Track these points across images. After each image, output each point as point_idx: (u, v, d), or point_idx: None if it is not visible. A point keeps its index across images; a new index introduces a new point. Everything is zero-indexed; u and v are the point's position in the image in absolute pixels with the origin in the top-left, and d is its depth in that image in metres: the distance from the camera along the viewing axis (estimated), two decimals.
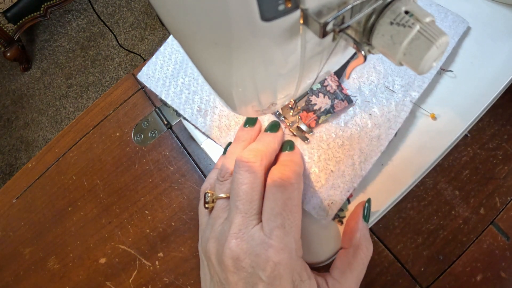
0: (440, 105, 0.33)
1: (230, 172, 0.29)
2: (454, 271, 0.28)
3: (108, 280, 0.38)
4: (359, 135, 0.32)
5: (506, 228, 0.33)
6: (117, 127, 0.44)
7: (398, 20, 0.17)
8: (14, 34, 1.57)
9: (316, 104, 0.33)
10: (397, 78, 0.34)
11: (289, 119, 0.34)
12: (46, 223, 0.42)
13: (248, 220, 0.26)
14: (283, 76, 0.21)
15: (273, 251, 0.24)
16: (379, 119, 0.32)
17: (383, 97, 0.33)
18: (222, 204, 0.28)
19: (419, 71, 0.18)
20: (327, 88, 0.34)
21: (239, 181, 0.27)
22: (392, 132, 0.32)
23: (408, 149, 0.32)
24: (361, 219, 0.29)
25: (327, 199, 0.31)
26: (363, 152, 0.31)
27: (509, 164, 0.35)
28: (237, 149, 0.31)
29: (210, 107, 0.37)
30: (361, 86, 0.34)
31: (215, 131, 0.36)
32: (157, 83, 0.40)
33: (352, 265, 0.27)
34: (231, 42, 0.17)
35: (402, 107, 0.32)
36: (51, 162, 0.44)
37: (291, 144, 0.31)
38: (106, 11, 1.79)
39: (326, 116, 0.33)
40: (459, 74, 0.34)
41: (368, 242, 0.28)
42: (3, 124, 1.68)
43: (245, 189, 0.26)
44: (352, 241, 0.28)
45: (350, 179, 0.31)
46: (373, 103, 0.33)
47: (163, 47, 0.41)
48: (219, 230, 0.27)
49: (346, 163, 0.31)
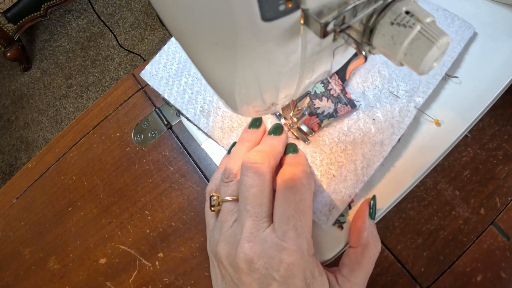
0: (442, 107, 0.33)
1: (235, 173, 0.29)
2: (454, 272, 0.28)
3: (108, 280, 0.38)
4: (362, 140, 0.32)
5: (506, 228, 0.33)
6: (117, 127, 0.44)
7: (399, 20, 0.17)
8: (14, 34, 1.57)
9: (319, 107, 0.33)
10: (402, 83, 0.33)
11: (289, 120, 0.34)
12: (46, 223, 0.42)
13: (259, 223, 0.26)
14: (284, 76, 0.21)
15: (286, 253, 0.25)
16: (382, 125, 0.32)
17: (387, 102, 0.33)
18: (229, 207, 0.29)
19: (420, 71, 0.18)
20: (330, 92, 0.34)
21: (248, 184, 0.27)
22: (395, 138, 0.31)
23: (409, 149, 0.32)
24: (368, 218, 0.29)
25: (328, 204, 0.31)
26: (365, 158, 0.31)
27: (509, 164, 0.35)
28: (242, 150, 0.31)
29: (213, 107, 0.37)
30: (365, 90, 0.34)
31: (217, 132, 0.36)
32: (160, 82, 0.40)
33: (360, 263, 0.28)
34: (231, 42, 0.17)
35: (406, 112, 0.32)
36: (51, 162, 0.44)
37: (294, 147, 0.31)
38: (106, 11, 1.79)
39: (329, 120, 0.33)
40: (464, 80, 0.34)
41: (376, 240, 0.29)
42: (3, 124, 1.68)
43: (255, 192, 0.26)
44: (360, 240, 0.28)
45: (352, 184, 0.31)
46: (377, 108, 0.33)
47: (167, 45, 0.41)
48: (229, 233, 0.27)
49: (348, 168, 0.31)
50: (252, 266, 0.25)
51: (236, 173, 0.29)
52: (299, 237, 0.25)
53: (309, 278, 0.25)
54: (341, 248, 0.31)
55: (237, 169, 0.30)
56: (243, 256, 0.25)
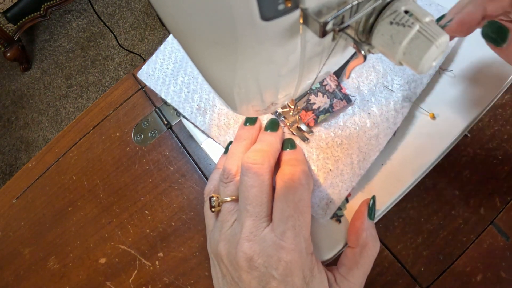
0: (439, 104, 0.33)
1: (234, 174, 0.30)
2: (454, 271, 0.28)
3: (108, 280, 0.38)
4: (358, 134, 0.32)
5: (506, 228, 0.33)
6: (117, 127, 0.44)
7: (398, 20, 0.17)
8: (14, 34, 1.57)
9: (315, 103, 0.33)
10: (396, 78, 0.34)
11: (289, 119, 0.34)
12: (46, 223, 0.42)
13: (258, 222, 0.26)
14: (283, 75, 0.21)
15: (284, 252, 0.25)
16: (377, 118, 0.32)
17: (382, 96, 0.33)
18: (228, 207, 0.29)
19: (419, 71, 0.18)
20: (326, 87, 0.34)
21: (248, 184, 0.27)
22: (390, 132, 0.32)
23: (408, 149, 0.32)
24: (366, 218, 0.29)
25: (326, 198, 0.31)
26: (361, 151, 0.31)
27: (509, 164, 0.35)
28: (239, 148, 0.31)
29: (209, 105, 0.37)
30: (360, 85, 0.34)
31: (214, 130, 0.36)
32: (157, 82, 0.40)
33: (359, 263, 0.28)
34: (231, 42, 0.17)
35: (401, 106, 0.32)
36: (51, 162, 0.44)
37: (292, 143, 0.31)
38: (106, 11, 1.79)
39: (325, 116, 0.33)
40: (458, 73, 0.34)
41: (375, 240, 0.29)
42: (3, 124, 1.68)
43: (255, 192, 0.27)
44: (359, 240, 0.28)
45: (348, 178, 0.31)
46: (372, 103, 0.33)
47: (163, 45, 0.41)
48: (229, 232, 0.28)
49: (344, 162, 0.32)
50: (252, 264, 0.25)
51: (235, 173, 0.30)
52: (298, 236, 0.26)
53: (308, 276, 0.25)
54: (340, 248, 0.31)
55: (236, 169, 0.30)
56: (242, 254, 0.25)
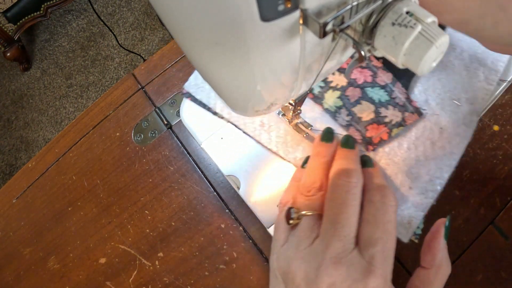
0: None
1: (317, 188, 0.28)
2: (454, 271, 0.28)
3: (108, 280, 0.38)
4: (432, 149, 0.31)
5: (506, 228, 0.33)
6: (117, 127, 0.44)
7: (400, 21, 0.17)
8: (14, 34, 1.57)
9: (386, 116, 0.33)
10: (462, 91, 0.33)
11: (288, 115, 0.34)
12: (46, 223, 0.42)
13: (346, 244, 0.25)
14: (283, 76, 0.21)
15: (373, 277, 0.24)
16: (449, 133, 0.32)
17: (450, 110, 0.32)
18: (309, 222, 0.27)
19: (419, 72, 0.18)
20: (395, 100, 0.33)
21: (339, 202, 0.26)
22: (462, 147, 0.31)
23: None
24: (443, 238, 0.28)
25: (407, 217, 0.30)
26: (438, 168, 0.31)
27: (509, 164, 0.35)
28: (320, 165, 0.30)
29: (273, 121, 0.35)
30: (428, 99, 0.33)
31: (283, 147, 0.34)
32: (209, 94, 0.36)
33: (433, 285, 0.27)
34: (231, 42, 0.17)
35: (469, 121, 0.32)
36: (51, 162, 0.44)
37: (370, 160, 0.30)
38: (106, 11, 1.79)
39: (398, 129, 0.32)
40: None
41: (448, 261, 0.28)
42: (3, 124, 1.68)
43: (346, 211, 0.26)
44: (435, 261, 0.27)
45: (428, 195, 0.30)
46: (441, 117, 0.32)
47: None
48: (307, 251, 0.26)
49: (423, 179, 0.31)
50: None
51: (319, 187, 0.29)
52: (386, 260, 0.25)
53: None
54: None
55: (319, 184, 0.29)
56: (327, 278, 0.24)
